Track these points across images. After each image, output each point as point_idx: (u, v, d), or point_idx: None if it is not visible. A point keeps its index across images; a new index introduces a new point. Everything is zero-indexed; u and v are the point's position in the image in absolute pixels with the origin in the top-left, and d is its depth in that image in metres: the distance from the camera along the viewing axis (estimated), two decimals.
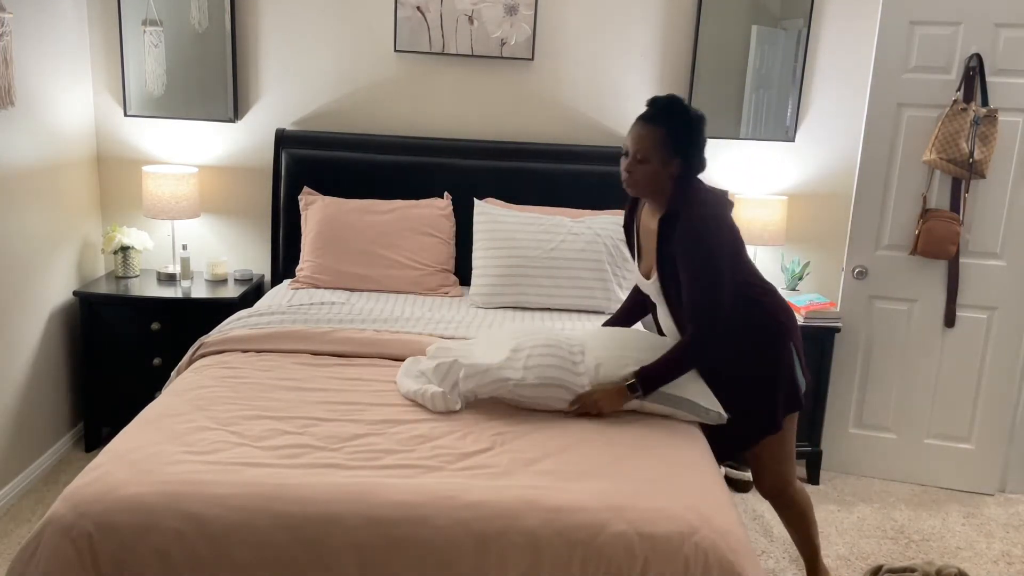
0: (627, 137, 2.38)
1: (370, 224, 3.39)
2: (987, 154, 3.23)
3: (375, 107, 3.67)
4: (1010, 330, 3.43)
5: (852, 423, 3.61)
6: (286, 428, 2.15)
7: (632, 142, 2.36)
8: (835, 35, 3.63)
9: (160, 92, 3.60)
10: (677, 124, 2.36)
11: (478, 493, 1.88)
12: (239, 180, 3.72)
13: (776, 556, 2.98)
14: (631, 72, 3.67)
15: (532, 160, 3.60)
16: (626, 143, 2.38)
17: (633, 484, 1.96)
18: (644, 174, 2.35)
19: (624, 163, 2.38)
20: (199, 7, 3.53)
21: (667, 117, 2.36)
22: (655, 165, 2.35)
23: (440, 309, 3.17)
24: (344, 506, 1.83)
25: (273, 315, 2.95)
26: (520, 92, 3.68)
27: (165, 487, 1.86)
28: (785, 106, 3.70)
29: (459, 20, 3.54)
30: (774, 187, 3.76)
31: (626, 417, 2.34)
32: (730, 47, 3.64)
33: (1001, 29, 3.23)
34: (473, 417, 2.28)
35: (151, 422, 2.16)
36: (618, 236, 3.32)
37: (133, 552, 1.77)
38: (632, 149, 2.36)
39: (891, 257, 3.48)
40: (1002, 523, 3.31)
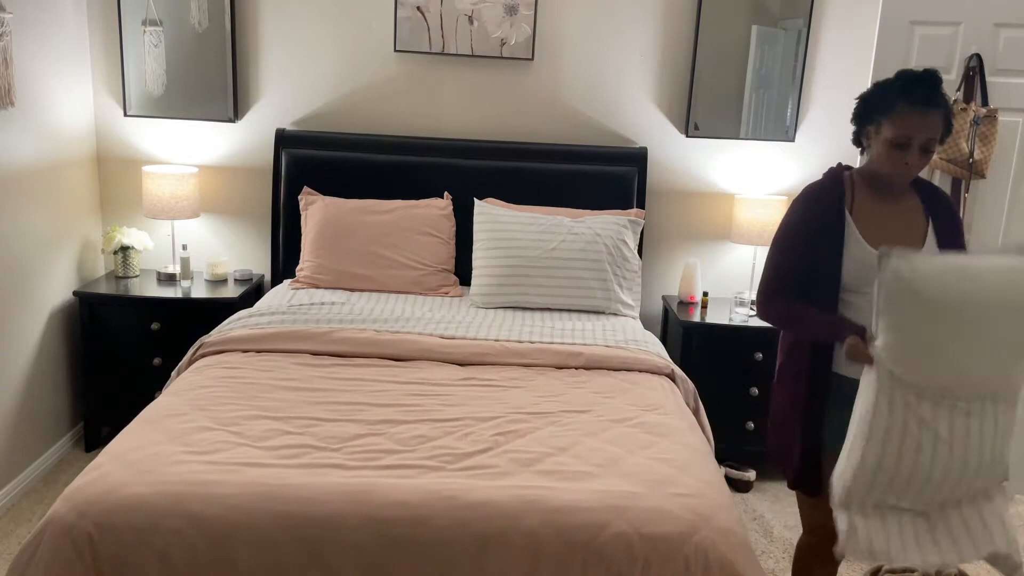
0: (903, 125, 2.03)
1: (370, 224, 3.39)
2: (987, 154, 3.23)
3: (375, 107, 3.67)
4: None
5: None
6: (286, 428, 2.16)
7: (920, 131, 2.02)
8: (835, 35, 3.63)
9: (160, 92, 3.60)
10: (946, 102, 2.08)
11: (478, 493, 1.88)
12: (239, 180, 3.72)
13: (776, 556, 2.97)
14: (631, 72, 3.67)
15: (532, 160, 3.60)
16: (904, 132, 2.03)
17: (633, 484, 1.96)
18: (923, 164, 2.08)
19: (906, 156, 2.05)
20: (199, 7, 3.53)
21: (940, 95, 2.06)
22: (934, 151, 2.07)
23: (440, 309, 3.17)
24: (344, 506, 1.83)
25: (273, 315, 2.95)
26: (520, 92, 3.68)
27: (165, 487, 1.86)
28: (785, 106, 3.70)
29: (459, 20, 3.54)
30: (774, 187, 3.76)
31: (626, 417, 2.34)
32: (730, 47, 3.64)
33: (1001, 29, 3.23)
34: (473, 417, 2.28)
35: (151, 422, 2.16)
36: (618, 236, 3.32)
37: (133, 552, 1.77)
38: (922, 140, 2.03)
39: None
40: None
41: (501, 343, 2.82)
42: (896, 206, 2.18)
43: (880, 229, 2.13)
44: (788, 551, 3.00)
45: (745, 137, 3.73)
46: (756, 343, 3.45)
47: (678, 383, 2.76)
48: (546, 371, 2.70)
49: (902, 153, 2.05)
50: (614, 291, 3.28)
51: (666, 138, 3.72)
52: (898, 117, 2.04)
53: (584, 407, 2.40)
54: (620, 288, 3.30)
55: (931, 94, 2.04)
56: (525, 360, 2.75)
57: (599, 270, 3.27)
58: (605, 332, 3.01)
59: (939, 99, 2.05)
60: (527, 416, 2.31)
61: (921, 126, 2.02)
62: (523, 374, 2.66)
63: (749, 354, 3.45)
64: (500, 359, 2.75)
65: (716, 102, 3.68)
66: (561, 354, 2.79)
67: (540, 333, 2.95)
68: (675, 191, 3.77)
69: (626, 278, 3.34)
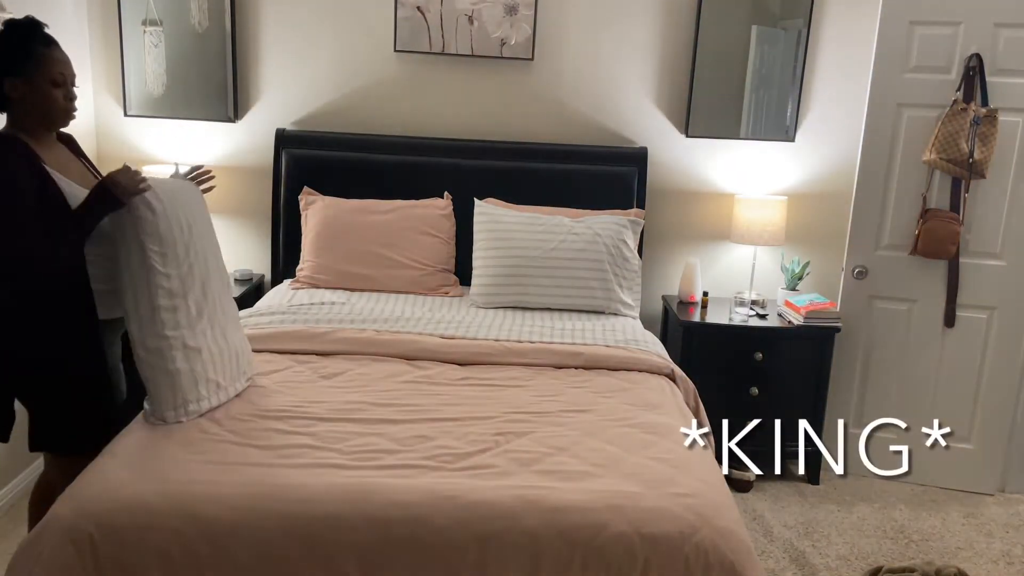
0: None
1: (370, 224, 3.39)
2: (987, 154, 3.23)
3: (375, 107, 3.67)
4: (1010, 330, 3.43)
5: (852, 423, 3.60)
6: (286, 428, 2.15)
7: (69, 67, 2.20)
8: (835, 35, 3.63)
9: (160, 92, 3.60)
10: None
11: (478, 493, 1.88)
12: (239, 180, 3.71)
13: (776, 556, 2.98)
14: (631, 72, 3.67)
15: (532, 160, 3.60)
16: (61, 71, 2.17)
17: (633, 484, 1.96)
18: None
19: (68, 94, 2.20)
20: (199, 7, 3.53)
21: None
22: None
23: (440, 309, 3.17)
24: (344, 506, 1.83)
25: (273, 315, 2.95)
26: (520, 92, 3.67)
27: (166, 487, 1.86)
28: (785, 106, 3.70)
29: (459, 20, 3.54)
30: (774, 187, 3.76)
31: (626, 417, 2.34)
32: (730, 47, 3.64)
33: (1001, 29, 3.23)
34: (473, 417, 2.28)
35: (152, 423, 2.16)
36: (618, 236, 3.32)
37: (134, 552, 1.77)
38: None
39: (891, 257, 3.48)
40: (1002, 523, 3.31)
41: (501, 343, 2.82)
42: (60, 151, 2.28)
43: (69, 173, 2.21)
44: (788, 551, 3.01)
45: (745, 137, 3.73)
46: (756, 343, 3.45)
47: (678, 383, 2.76)
48: (546, 371, 2.70)
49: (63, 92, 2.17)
50: (614, 291, 3.28)
51: (666, 138, 3.72)
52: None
53: (584, 407, 2.41)
54: (620, 288, 3.30)
55: (48, 35, 2.17)
56: (525, 360, 2.75)
57: (599, 270, 3.27)
58: (605, 332, 3.01)
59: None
60: (527, 416, 2.31)
61: (67, 64, 2.19)
62: (523, 374, 2.66)
63: (749, 354, 3.45)
64: (500, 359, 2.75)
65: (716, 102, 3.68)
66: (561, 354, 2.79)
67: (540, 333, 2.95)
68: (675, 191, 3.77)
69: (626, 278, 3.33)
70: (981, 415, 3.52)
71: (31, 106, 2.14)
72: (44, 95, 2.14)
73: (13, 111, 2.15)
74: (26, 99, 2.13)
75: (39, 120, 2.18)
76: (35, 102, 2.14)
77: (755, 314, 3.54)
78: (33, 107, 2.15)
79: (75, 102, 2.22)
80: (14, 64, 2.10)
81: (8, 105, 2.14)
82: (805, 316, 3.42)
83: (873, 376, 3.59)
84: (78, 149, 2.39)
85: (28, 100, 2.13)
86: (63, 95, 2.18)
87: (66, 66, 2.19)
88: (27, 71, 2.11)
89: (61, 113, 2.20)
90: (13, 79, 2.11)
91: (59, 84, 2.16)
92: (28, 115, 2.15)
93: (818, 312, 3.44)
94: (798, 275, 3.65)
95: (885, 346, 3.55)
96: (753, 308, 3.58)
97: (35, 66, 2.12)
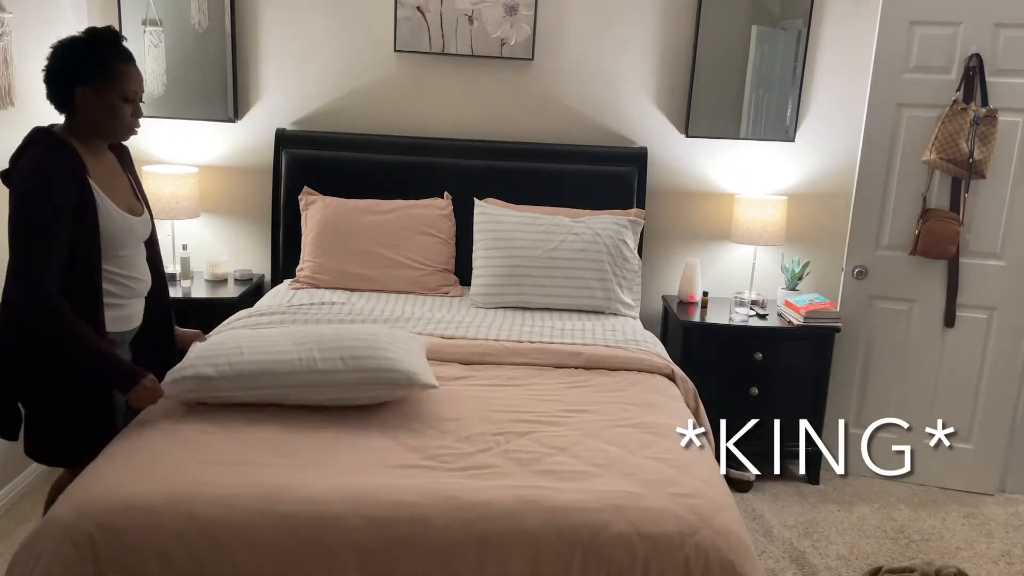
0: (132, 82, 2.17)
1: (370, 224, 3.39)
2: (987, 154, 3.23)
3: (375, 107, 3.67)
4: (1010, 330, 3.43)
5: (852, 423, 3.60)
6: (286, 428, 2.15)
7: (140, 85, 2.20)
8: (835, 35, 3.63)
9: (160, 92, 3.59)
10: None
11: (478, 493, 1.88)
12: (239, 180, 3.71)
13: (776, 556, 2.98)
14: (631, 72, 3.67)
15: (532, 160, 3.60)
16: (133, 88, 2.17)
17: (633, 484, 1.96)
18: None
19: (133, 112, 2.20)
20: (199, 7, 3.53)
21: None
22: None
23: (440, 309, 3.17)
24: (344, 506, 1.83)
25: (273, 315, 2.95)
26: (520, 92, 3.68)
27: (166, 488, 1.86)
28: (785, 106, 3.70)
29: (459, 20, 3.54)
30: (774, 187, 3.76)
31: (626, 417, 2.34)
32: (730, 47, 3.64)
33: (1001, 29, 3.23)
34: (473, 417, 2.28)
35: (152, 423, 2.16)
36: (618, 236, 3.32)
37: (134, 553, 1.77)
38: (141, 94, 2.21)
39: (891, 257, 3.48)
40: (1002, 523, 3.31)
41: (501, 343, 2.82)
42: (109, 162, 2.25)
43: (112, 189, 2.18)
44: (788, 551, 3.01)
45: (745, 137, 3.73)
46: (756, 343, 3.46)
47: (678, 383, 2.76)
48: (546, 371, 2.70)
49: (132, 109, 2.17)
50: (614, 291, 3.28)
51: (666, 138, 3.72)
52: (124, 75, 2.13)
53: (584, 407, 2.40)
54: (620, 288, 3.30)
55: (127, 50, 2.16)
56: (525, 360, 2.75)
57: (599, 270, 3.27)
58: (605, 332, 3.01)
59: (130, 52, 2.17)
60: (527, 416, 2.31)
61: (140, 80, 2.18)
62: (523, 374, 2.66)
63: (749, 354, 3.45)
64: (500, 359, 2.75)
65: (716, 102, 3.68)
66: (561, 354, 2.79)
67: (540, 333, 2.95)
68: (675, 191, 3.77)
69: (626, 278, 3.33)
70: (981, 415, 3.52)
71: (95, 117, 2.12)
72: (112, 109, 2.12)
73: (76, 116, 2.13)
74: (92, 109, 2.11)
75: (98, 131, 2.16)
76: (100, 114, 2.12)
77: (755, 314, 3.54)
78: (97, 118, 2.13)
79: (140, 118, 2.22)
80: (89, 73, 2.08)
81: (74, 110, 2.12)
82: (805, 316, 3.42)
83: (873, 376, 3.59)
84: (129, 161, 2.36)
85: (94, 110, 2.11)
86: (131, 111, 2.17)
87: (139, 83, 2.18)
88: (100, 83, 2.09)
89: (126, 129, 2.20)
90: (85, 88, 2.09)
91: (130, 100, 2.15)
92: (89, 124, 2.14)
93: (818, 312, 3.44)
94: (798, 275, 3.65)
95: (885, 346, 3.56)
96: (753, 308, 3.58)
97: (109, 80, 2.10)
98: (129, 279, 2.23)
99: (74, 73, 2.09)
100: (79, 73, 2.09)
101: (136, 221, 2.24)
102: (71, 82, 2.09)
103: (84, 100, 2.10)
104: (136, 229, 2.24)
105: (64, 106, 2.14)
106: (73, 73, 2.09)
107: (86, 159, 2.12)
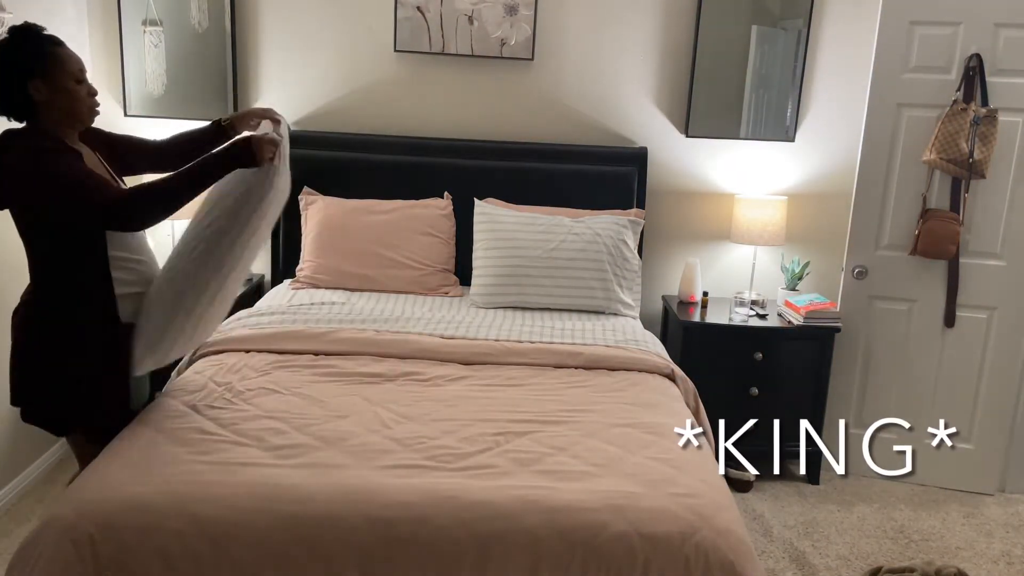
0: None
1: (370, 224, 3.39)
2: (987, 154, 3.23)
3: (375, 107, 3.67)
4: (1010, 330, 3.43)
5: (852, 423, 3.61)
6: (287, 428, 2.16)
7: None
8: (835, 35, 3.63)
9: (160, 92, 3.60)
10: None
11: (478, 493, 1.88)
12: None
13: (776, 556, 2.98)
14: (631, 72, 3.67)
15: (532, 160, 3.60)
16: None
17: (633, 484, 1.96)
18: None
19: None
20: (199, 7, 3.53)
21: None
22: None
23: (440, 309, 3.17)
24: (344, 506, 1.83)
25: (273, 315, 2.95)
26: (520, 92, 3.68)
27: (166, 487, 1.86)
28: (785, 106, 3.70)
29: (459, 20, 3.54)
30: (774, 187, 3.76)
31: (626, 417, 2.34)
32: (730, 47, 3.64)
33: (1001, 29, 3.23)
34: (473, 417, 2.28)
35: (152, 423, 2.16)
36: (618, 236, 3.32)
37: (134, 552, 1.77)
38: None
39: (891, 257, 3.48)
40: (1002, 523, 3.31)
41: (501, 343, 2.82)
42: (87, 152, 2.24)
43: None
44: (788, 551, 3.01)
45: (745, 137, 3.73)
46: (756, 343, 3.45)
47: (678, 383, 2.76)
48: (546, 371, 2.70)
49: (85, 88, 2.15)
50: (614, 291, 3.28)
51: (666, 138, 3.72)
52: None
53: (584, 407, 2.40)
54: (620, 288, 3.30)
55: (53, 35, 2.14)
56: (525, 360, 2.75)
57: (599, 270, 3.27)
58: (605, 332, 3.01)
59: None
60: (527, 416, 2.31)
61: (80, 60, 2.16)
62: (523, 374, 2.66)
63: (749, 354, 3.45)
64: (500, 359, 2.75)
65: (716, 102, 3.68)
66: (561, 354, 2.79)
67: (540, 333, 2.95)
68: (675, 191, 3.77)
69: (626, 278, 3.34)
70: (981, 415, 3.52)
71: (57, 106, 2.09)
72: (69, 93, 2.09)
73: (39, 115, 2.10)
74: (52, 100, 2.08)
75: (66, 120, 2.13)
76: (61, 102, 2.09)
77: (755, 314, 3.54)
78: (59, 107, 2.10)
79: (96, 96, 2.19)
80: (32, 66, 2.06)
81: (33, 109, 2.09)
82: (805, 316, 3.42)
83: (873, 376, 3.59)
84: (102, 146, 2.33)
85: (54, 101, 2.08)
86: (85, 91, 2.14)
87: (81, 63, 2.15)
88: (46, 71, 2.07)
89: (87, 110, 2.16)
90: (35, 80, 2.06)
91: (80, 80, 2.12)
92: (55, 117, 2.10)
93: (818, 312, 3.44)
94: (798, 275, 3.65)
95: (885, 346, 3.55)
96: (753, 308, 3.58)
97: (53, 65, 2.07)
98: (138, 262, 2.23)
99: (21, 68, 2.05)
100: (23, 68, 2.05)
101: None
102: (23, 78, 2.05)
103: (39, 93, 2.06)
104: None
105: (23, 108, 2.09)
106: (20, 69, 2.05)
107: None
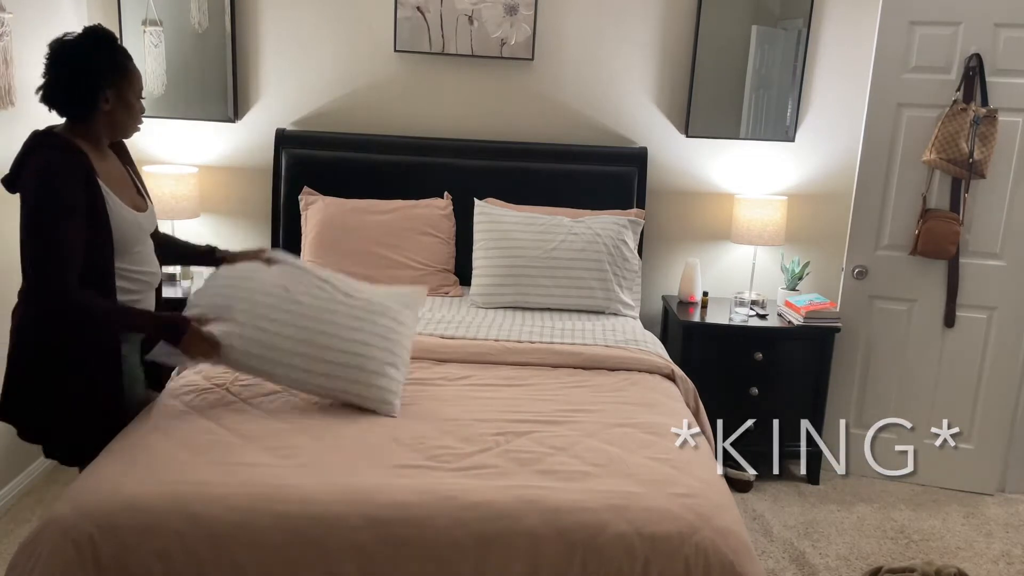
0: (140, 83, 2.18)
1: (370, 224, 3.39)
2: (987, 154, 3.23)
3: (375, 107, 3.67)
4: (1010, 330, 3.43)
5: (852, 423, 3.61)
6: (287, 428, 2.15)
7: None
8: (835, 35, 3.63)
9: (160, 92, 3.60)
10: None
11: (478, 493, 1.88)
12: (239, 180, 3.72)
13: (776, 556, 2.98)
14: (631, 72, 3.67)
15: (532, 160, 3.60)
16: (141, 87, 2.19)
17: (633, 484, 1.96)
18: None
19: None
20: (199, 7, 3.53)
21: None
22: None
23: (440, 309, 3.17)
24: (344, 506, 1.83)
25: None
26: (520, 92, 3.68)
27: (166, 488, 1.86)
28: (785, 106, 3.70)
29: (459, 20, 3.54)
30: (774, 187, 3.76)
31: (626, 417, 2.34)
32: (730, 47, 3.64)
33: (1001, 29, 3.23)
34: (473, 417, 2.28)
35: (151, 423, 2.16)
36: (618, 236, 3.32)
37: (134, 553, 1.77)
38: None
39: (891, 257, 3.48)
40: (1002, 523, 3.31)
41: (501, 343, 2.82)
42: (112, 160, 2.23)
43: (118, 188, 2.16)
44: (788, 551, 3.01)
45: (745, 137, 3.73)
46: (756, 343, 3.45)
47: (678, 383, 2.76)
48: (546, 371, 2.70)
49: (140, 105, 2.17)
50: (614, 291, 3.28)
51: (666, 138, 3.72)
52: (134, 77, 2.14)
53: (584, 407, 2.40)
54: (620, 288, 3.30)
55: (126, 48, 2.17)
56: (525, 360, 2.75)
57: (599, 270, 3.27)
58: (605, 332, 3.01)
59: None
60: (527, 416, 2.31)
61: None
62: (523, 374, 2.66)
63: (749, 354, 3.45)
64: (500, 359, 2.75)
65: (716, 102, 3.68)
66: (561, 354, 2.78)
67: (540, 333, 2.95)
68: (675, 191, 3.77)
69: (626, 278, 3.34)
70: (981, 415, 3.52)
71: (117, 117, 2.10)
72: (129, 108, 2.11)
73: (92, 121, 2.09)
74: (114, 111, 2.08)
75: (112, 131, 2.14)
76: (120, 115, 2.10)
77: (755, 314, 3.54)
78: (117, 120, 2.10)
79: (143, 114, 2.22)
80: (110, 76, 2.06)
81: (93, 112, 2.08)
82: (805, 316, 3.42)
83: (873, 376, 3.59)
84: (126, 154, 2.32)
85: (115, 112, 2.09)
86: (140, 109, 2.17)
87: (142, 80, 2.19)
88: (119, 84, 2.08)
89: (135, 126, 2.19)
90: (110, 90, 2.06)
91: (141, 97, 2.16)
92: (106, 126, 2.10)
93: (818, 312, 3.44)
94: (798, 275, 3.66)
95: (885, 346, 3.55)
96: (753, 308, 3.58)
97: (125, 79, 2.09)
98: (143, 274, 2.22)
99: (101, 75, 2.06)
100: (106, 75, 2.06)
101: (143, 217, 2.23)
102: (101, 84, 2.05)
103: (107, 103, 2.07)
104: (144, 225, 2.24)
105: (83, 108, 2.08)
106: (101, 75, 2.06)
107: (93, 160, 2.10)
